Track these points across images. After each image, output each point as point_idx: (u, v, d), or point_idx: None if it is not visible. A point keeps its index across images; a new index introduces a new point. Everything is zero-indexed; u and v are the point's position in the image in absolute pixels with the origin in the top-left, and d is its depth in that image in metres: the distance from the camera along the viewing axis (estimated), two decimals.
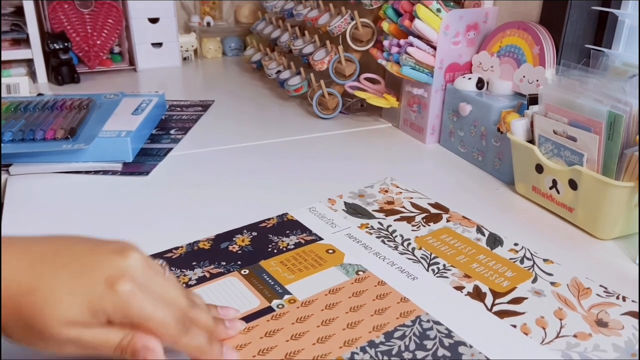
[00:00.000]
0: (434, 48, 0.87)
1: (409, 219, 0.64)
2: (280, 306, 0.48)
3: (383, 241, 0.59)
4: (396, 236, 0.60)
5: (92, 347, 0.35)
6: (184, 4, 1.57)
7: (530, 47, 0.79)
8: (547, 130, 0.67)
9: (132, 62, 1.43)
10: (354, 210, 0.66)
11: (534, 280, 0.53)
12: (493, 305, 0.49)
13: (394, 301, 0.48)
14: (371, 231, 0.61)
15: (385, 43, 0.93)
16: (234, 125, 1.02)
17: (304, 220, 0.63)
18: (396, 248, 0.57)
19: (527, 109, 0.72)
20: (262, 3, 1.38)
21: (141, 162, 0.83)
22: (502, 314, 0.48)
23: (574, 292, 0.51)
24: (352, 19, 1.03)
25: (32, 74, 1.30)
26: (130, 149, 0.82)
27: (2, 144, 0.78)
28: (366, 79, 1.03)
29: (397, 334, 0.45)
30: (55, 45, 1.25)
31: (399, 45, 0.90)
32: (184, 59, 1.52)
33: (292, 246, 0.57)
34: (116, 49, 1.43)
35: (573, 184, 0.64)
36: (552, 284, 0.52)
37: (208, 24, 1.55)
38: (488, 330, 0.46)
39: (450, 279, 0.52)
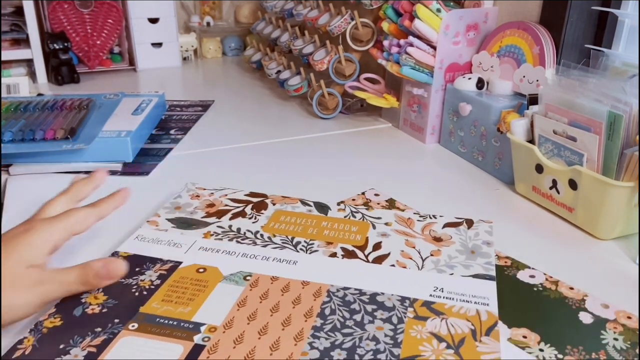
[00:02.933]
0: (434, 48, 0.87)
1: (241, 214, 0.63)
2: (205, 339, 0.44)
3: (238, 242, 0.58)
4: (245, 232, 0.60)
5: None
6: (184, 4, 1.57)
7: (530, 47, 0.79)
8: (547, 130, 0.67)
9: (132, 62, 1.43)
10: (183, 222, 0.61)
11: (374, 227, 0.61)
12: (367, 257, 0.56)
13: (299, 288, 0.50)
14: (219, 237, 0.59)
15: (385, 43, 0.93)
16: (233, 126, 1.02)
17: (142, 252, 0.56)
18: (255, 243, 0.58)
19: (527, 109, 0.73)
20: (262, 3, 1.38)
21: (141, 162, 0.83)
22: (378, 260, 0.55)
23: (403, 224, 0.62)
24: (352, 19, 1.03)
25: (32, 74, 1.30)
26: (130, 149, 0.82)
27: (2, 144, 0.78)
28: (366, 79, 1.03)
29: (327, 312, 0.47)
30: (55, 45, 1.25)
31: (399, 45, 0.90)
32: (184, 59, 1.52)
33: (158, 281, 0.51)
34: (116, 49, 1.43)
35: (573, 184, 0.64)
36: (386, 224, 0.62)
37: (208, 24, 1.55)
38: (380, 276, 0.53)
39: (320, 250, 0.57)
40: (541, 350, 0.45)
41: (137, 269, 0.53)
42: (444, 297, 0.50)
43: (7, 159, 0.79)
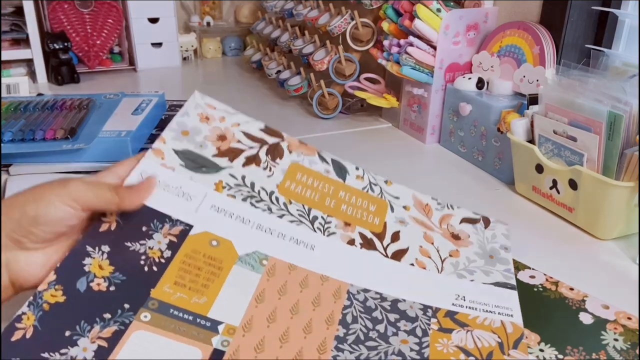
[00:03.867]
0: (434, 48, 0.87)
1: (255, 160, 0.57)
2: (225, 343, 0.42)
3: (252, 204, 0.53)
4: (259, 191, 0.54)
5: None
6: (184, 4, 1.57)
7: (531, 47, 0.79)
8: (547, 130, 0.67)
9: (132, 62, 1.43)
10: (192, 161, 0.54)
11: (392, 210, 0.57)
12: (385, 249, 0.53)
13: (317, 284, 0.48)
14: (231, 192, 0.53)
15: (385, 43, 0.93)
16: None
17: (149, 201, 0.49)
18: (270, 210, 0.53)
19: (527, 108, 0.73)
20: (262, 3, 1.38)
21: None
22: (396, 256, 0.53)
23: (421, 212, 0.58)
24: (352, 18, 1.03)
25: (32, 74, 1.30)
26: (130, 149, 0.82)
27: (2, 144, 0.78)
28: (366, 79, 1.03)
29: (349, 319, 0.46)
30: (55, 45, 1.25)
31: (399, 45, 0.90)
32: (184, 59, 1.52)
33: (169, 253, 0.46)
34: (116, 49, 1.43)
35: (573, 184, 0.64)
36: (404, 207, 0.58)
37: (208, 23, 1.55)
38: (400, 278, 0.50)
39: (337, 233, 0.53)
40: (541, 350, 0.45)
41: (144, 229, 0.47)
42: (466, 307, 0.48)
43: (7, 159, 0.79)
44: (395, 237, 0.55)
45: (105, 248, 0.45)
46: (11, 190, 0.74)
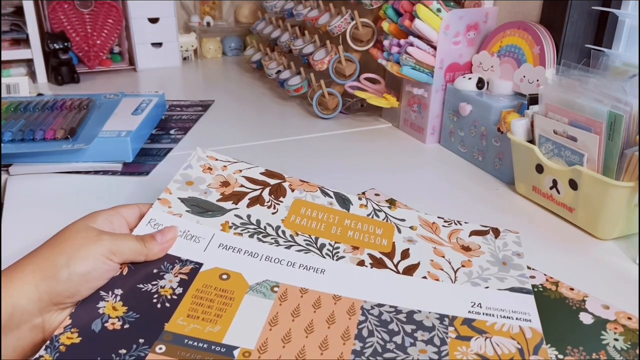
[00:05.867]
0: (434, 48, 0.87)
1: (259, 200, 0.59)
2: None
3: (259, 239, 0.54)
4: (265, 227, 0.56)
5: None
6: (184, 4, 1.57)
7: (531, 47, 0.79)
8: (547, 130, 0.67)
9: (132, 62, 1.43)
10: (197, 207, 0.57)
11: (399, 231, 0.58)
12: (396, 266, 0.53)
13: (330, 303, 0.48)
14: (238, 231, 0.55)
15: (386, 43, 0.93)
16: (233, 125, 1.02)
17: None
18: (278, 243, 0.54)
19: (528, 108, 0.73)
20: (262, 3, 1.38)
21: (141, 162, 0.83)
22: (408, 271, 0.52)
23: (429, 230, 0.58)
24: (352, 18, 1.03)
25: (32, 74, 1.30)
26: (130, 149, 0.82)
27: (2, 144, 0.78)
28: (366, 78, 1.03)
29: (365, 333, 0.45)
30: (55, 45, 1.25)
31: (399, 45, 0.90)
32: (184, 59, 1.52)
33: (180, 290, 0.47)
34: (116, 49, 1.43)
35: (573, 184, 0.64)
36: (411, 228, 0.58)
37: (208, 23, 1.55)
38: (414, 291, 0.50)
39: (347, 257, 0.54)
40: None
41: (155, 271, 0.49)
42: (483, 314, 0.48)
43: (7, 159, 0.79)
44: (405, 254, 0.55)
45: (118, 291, 0.46)
46: (11, 191, 0.74)
